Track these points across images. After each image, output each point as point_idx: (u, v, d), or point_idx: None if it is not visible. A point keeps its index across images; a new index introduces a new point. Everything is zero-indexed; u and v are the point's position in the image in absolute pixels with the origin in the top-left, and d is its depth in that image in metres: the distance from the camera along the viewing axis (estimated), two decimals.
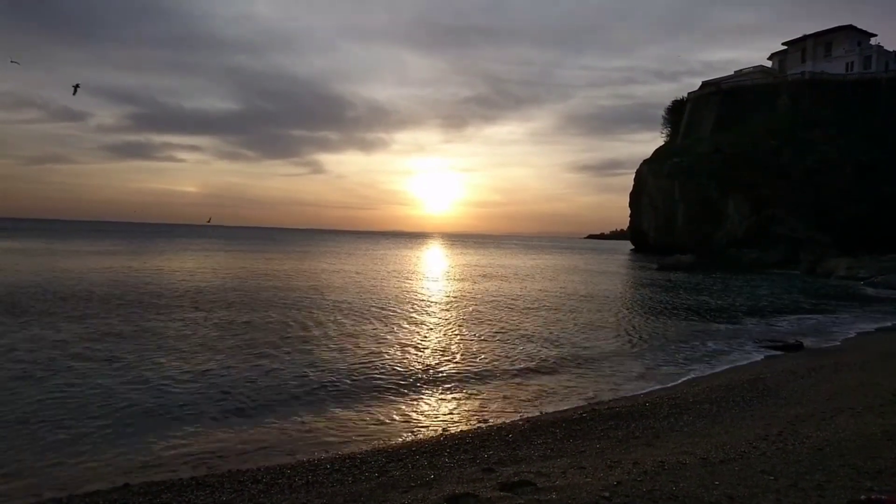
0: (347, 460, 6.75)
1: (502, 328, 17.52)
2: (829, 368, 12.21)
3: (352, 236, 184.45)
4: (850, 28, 73.92)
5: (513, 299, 25.26)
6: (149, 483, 6.17)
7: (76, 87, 21.22)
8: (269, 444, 7.75)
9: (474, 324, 18.24)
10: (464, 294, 27.19)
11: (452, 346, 14.60)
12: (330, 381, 10.83)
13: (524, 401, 10.17)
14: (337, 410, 9.26)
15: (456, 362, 12.85)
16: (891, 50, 71.40)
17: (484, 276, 39.72)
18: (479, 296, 26.45)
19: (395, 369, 11.98)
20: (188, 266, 38.01)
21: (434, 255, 74.02)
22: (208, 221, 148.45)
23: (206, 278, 29.99)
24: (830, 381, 10.67)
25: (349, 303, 22.28)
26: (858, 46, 72.06)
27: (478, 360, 13.17)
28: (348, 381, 10.91)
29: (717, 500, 4.36)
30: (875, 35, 74.37)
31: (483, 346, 14.74)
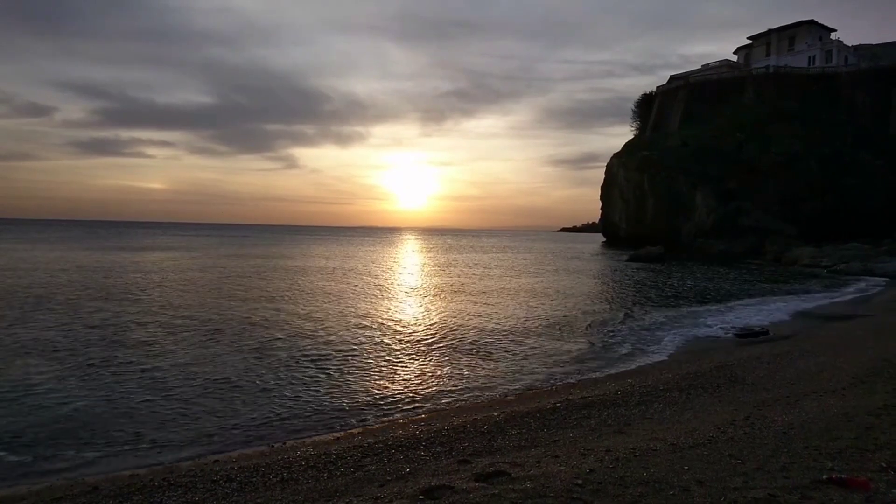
0: (323, 456, 6.72)
1: (475, 322, 17.60)
2: (793, 354, 12.56)
3: (325, 232, 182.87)
4: (812, 23, 75.78)
5: (484, 293, 25.38)
6: (119, 484, 6.05)
7: None
8: (242, 441, 7.68)
9: (448, 318, 18.27)
10: (436, 289, 27.23)
11: (426, 341, 14.62)
12: (303, 378, 10.76)
13: (498, 391, 10.25)
14: (311, 406, 9.21)
15: (429, 356, 12.87)
16: (849, 45, 73.49)
17: (456, 271, 39.81)
18: (452, 290, 26.51)
19: (368, 365, 11.95)
20: (151, 265, 37.29)
21: (409, 251, 73.91)
22: None
23: (168, 279, 29.47)
24: (794, 367, 10.99)
25: (316, 300, 22.13)
26: (820, 41, 73.97)
27: (451, 352, 13.21)
28: (322, 378, 10.84)
29: (687, 484, 4.46)
30: (835, 30, 76.47)
31: (456, 339, 14.79)
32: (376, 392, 10.15)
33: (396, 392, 10.20)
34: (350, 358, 12.47)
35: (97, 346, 12.98)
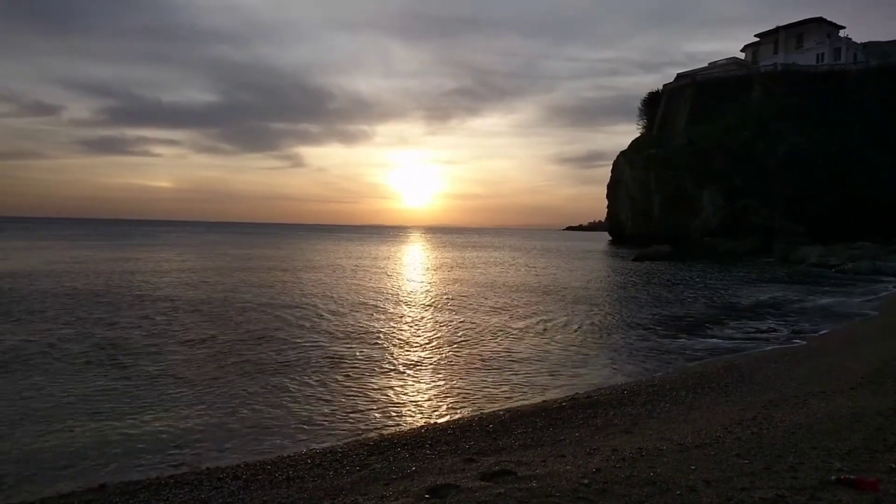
0: (329, 454, 6.73)
1: (481, 320, 17.57)
2: (801, 353, 12.50)
3: (332, 231, 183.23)
4: (821, 20, 75.21)
5: (491, 291, 25.34)
6: (126, 482, 6.07)
7: None
8: (248, 439, 7.68)
9: (453, 316, 18.26)
10: (441, 287, 27.21)
11: (431, 339, 14.61)
12: (308, 375, 10.77)
13: (504, 390, 10.22)
14: (317, 405, 9.21)
15: (435, 354, 12.86)
16: (859, 42, 72.90)
17: (461, 269, 39.78)
18: (458, 289, 26.49)
19: (374, 363, 11.95)
20: (160, 264, 37.46)
21: (416, 251, 73.96)
22: None
23: (178, 277, 29.60)
24: (803, 366, 10.92)
25: (324, 298, 22.16)
26: (828, 38, 73.39)
27: (457, 351, 13.20)
28: (328, 375, 10.85)
29: (693, 484, 4.44)
30: (844, 27, 75.91)
31: (462, 337, 14.77)
32: (381, 391, 10.14)
33: (401, 392, 10.19)
34: (355, 359, 12.48)
35: (99, 343, 13.04)
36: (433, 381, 10.76)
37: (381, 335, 14.94)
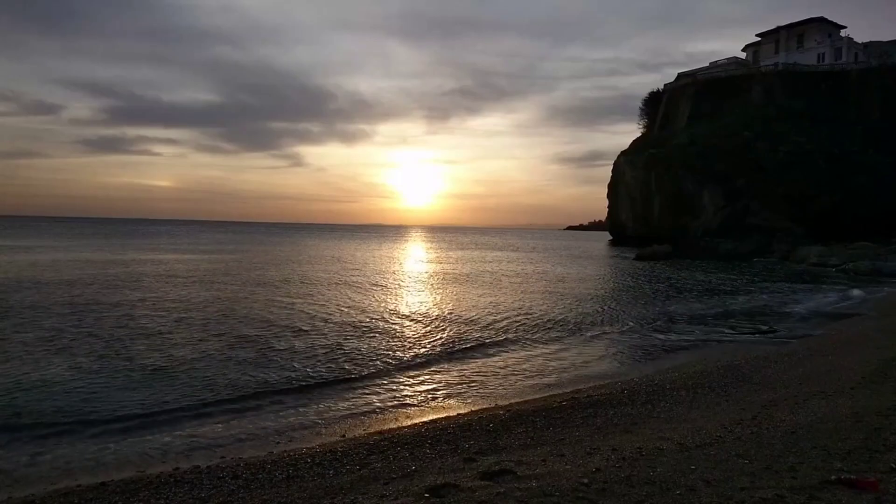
0: (328, 453, 6.72)
1: (480, 320, 17.57)
2: (801, 353, 12.49)
3: (332, 231, 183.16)
4: (822, 20, 75.17)
5: (490, 291, 25.35)
6: (126, 480, 6.08)
7: None
8: (248, 438, 7.69)
9: (452, 317, 18.26)
10: (441, 287, 27.22)
11: (430, 338, 14.61)
12: (310, 375, 10.77)
13: (504, 390, 10.23)
14: (317, 404, 9.22)
15: (435, 353, 12.87)
16: (860, 42, 72.86)
17: (461, 269, 39.79)
18: (457, 289, 26.49)
19: (374, 361, 11.96)
20: (161, 265, 37.47)
21: (416, 250, 73.97)
22: None
23: (180, 278, 29.61)
24: (803, 366, 10.92)
25: (325, 298, 22.15)
26: (829, 38, 73.35)
27: (457, 350, 13.20)
28: (327, 374, 10.86)
29: (693, 483, 4.44)
30: (845, 27, 75.87)
31: (461, 336, 14.77)
32: (380, 391, 10.15)
33: (401, 391, 10.20)
34: (355, 360, 12.48)
35: (96, 339, 13.05)
36: (433, 381, 10.77)
37: (380, 336, 14.94)
